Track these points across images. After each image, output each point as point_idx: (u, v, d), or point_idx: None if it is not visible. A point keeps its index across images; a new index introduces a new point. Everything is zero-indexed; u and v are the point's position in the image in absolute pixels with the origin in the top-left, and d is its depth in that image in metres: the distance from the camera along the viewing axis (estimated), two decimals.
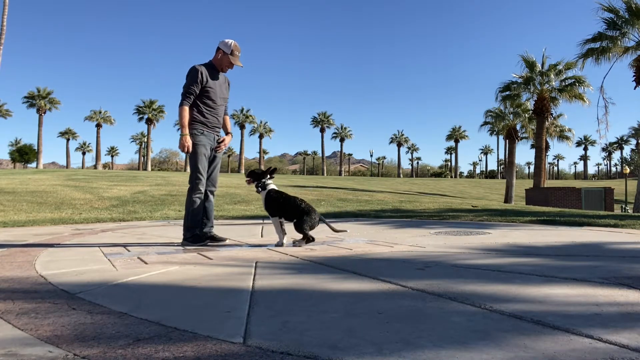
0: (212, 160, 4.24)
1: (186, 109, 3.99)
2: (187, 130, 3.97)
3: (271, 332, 1.61)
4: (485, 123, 32.78)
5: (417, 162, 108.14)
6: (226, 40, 4.12)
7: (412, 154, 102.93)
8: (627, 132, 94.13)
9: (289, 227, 4.12)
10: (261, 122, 75.29)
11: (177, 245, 4.11)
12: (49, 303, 2.02)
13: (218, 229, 4.61)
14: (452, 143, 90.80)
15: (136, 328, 1.66)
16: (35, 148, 62.00)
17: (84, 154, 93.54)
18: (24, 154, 69.84)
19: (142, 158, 76.85)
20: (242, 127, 70.91)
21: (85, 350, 1.43)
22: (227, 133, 4.45)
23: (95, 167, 68.81)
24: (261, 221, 6.94)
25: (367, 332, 1.60)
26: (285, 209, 4.00)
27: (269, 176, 4.16)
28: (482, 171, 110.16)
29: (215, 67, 4.17)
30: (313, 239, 4.04)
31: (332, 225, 4.26)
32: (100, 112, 68.01)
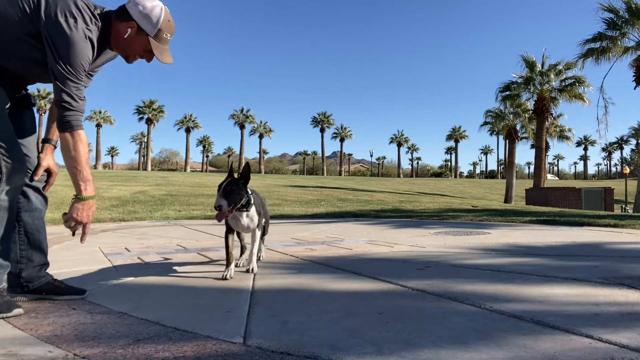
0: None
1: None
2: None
3: (271, 332, 1.61)
4: (485, 123, 32.78)
5: (417, 162, 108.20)
6: (146, 3, 1.95)
7: (412, 154, 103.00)
8: (627, 132, 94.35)
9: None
10: (261, 122, 75.34)
11: (177, 246, 4.11)
12: (49, 303, 2.02)
13: (219, 229, 4.47)
14: (452, 143, 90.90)
15: (136, 328, 1.66)
16: None
17: None
18: None
19: (142, 158, 76.84)
20: (242, 127, 70.90)
21: (85, 350, 1.43)
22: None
23: (95, 167, 68.75)
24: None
25: (367, 332, 1.60)
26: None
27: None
28: (482, 171, 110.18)
29: (109, 42, 2.00)
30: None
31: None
32: (100, 112, 67.99)
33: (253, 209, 2.64)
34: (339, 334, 1.59)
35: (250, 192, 2.61)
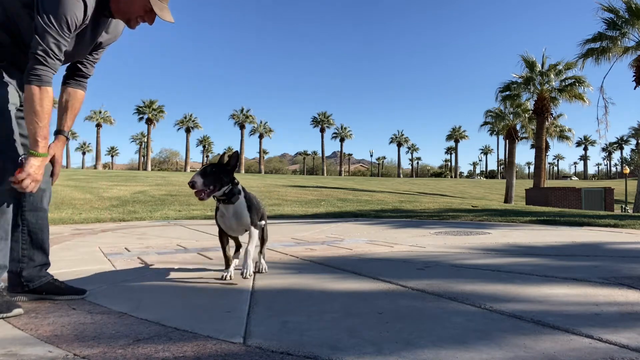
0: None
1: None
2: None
3: (271, 332, 1.61)
4: (485, 123, 32.76)
5: (417, 162, 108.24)
6: None
7: (412, 154, 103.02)
8: (627, 132, 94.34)
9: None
10: (261, 122, 75.29)
11: (177, 246, 4.11)
12: (49, 303, 2.02)
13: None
14: (452, 143, 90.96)
15: (136, 328, 1.66)
16: None
17: (84, 154, 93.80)
18: None
19: (142, 158, 76.78)
20: (242, 127, 70.86)
21: (85, 350, 1.43)
22: None
23: (95, 167, 68.78)
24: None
25: (367, 332, 1.60)
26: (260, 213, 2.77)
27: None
28: (482, 171, 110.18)
29: (108, 8, 1.96)
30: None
31: None
32: (100, 112, 67.99)
33: (241, 202, 2.45)
34: (339, 334, 1.59)
35: (237, 183, 2.46)
